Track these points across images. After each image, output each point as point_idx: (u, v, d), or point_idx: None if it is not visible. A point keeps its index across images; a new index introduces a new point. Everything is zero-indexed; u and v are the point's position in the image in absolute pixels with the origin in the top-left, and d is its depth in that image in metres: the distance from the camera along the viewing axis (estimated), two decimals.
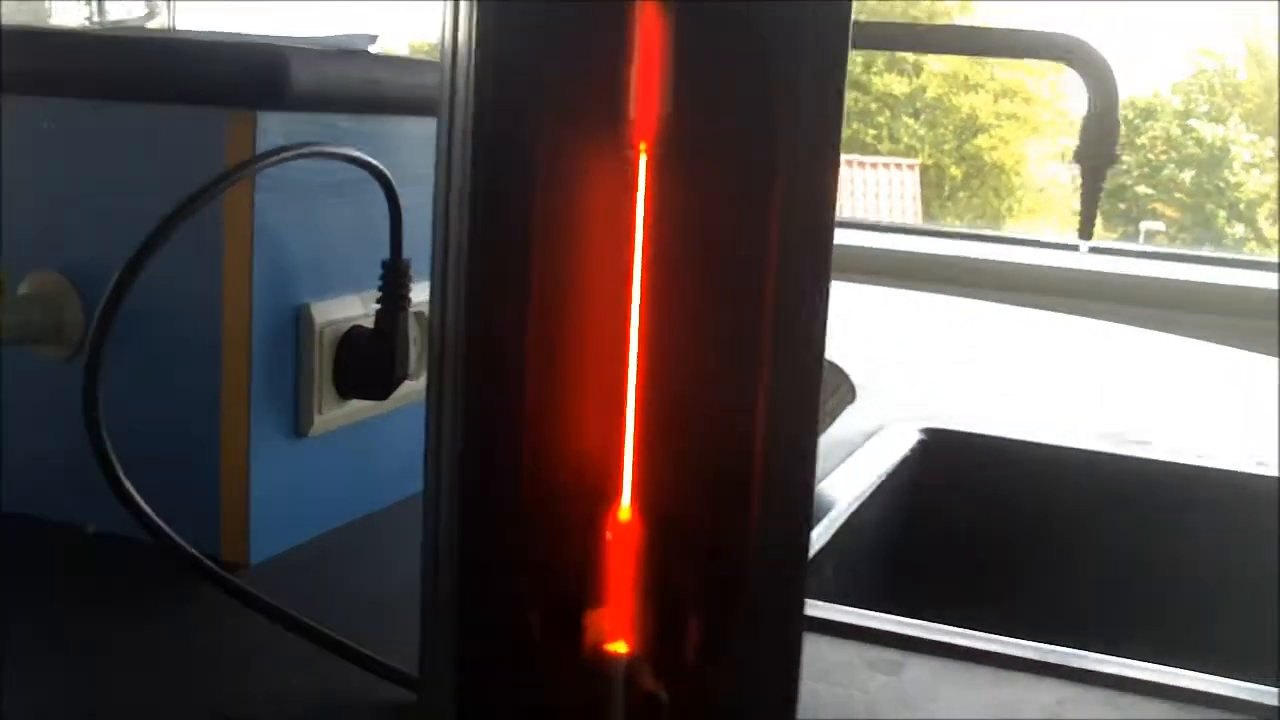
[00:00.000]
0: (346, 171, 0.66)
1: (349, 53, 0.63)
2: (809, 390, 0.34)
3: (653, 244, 0.32)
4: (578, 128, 0.31)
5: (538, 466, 0.34)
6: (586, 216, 0.32)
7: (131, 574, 0.63)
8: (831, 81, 0.32)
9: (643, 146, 0.31)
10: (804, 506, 0.35)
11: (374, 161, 0.61)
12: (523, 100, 0.31)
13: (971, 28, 0.72)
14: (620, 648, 0.34)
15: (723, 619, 0.34)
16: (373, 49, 0.65)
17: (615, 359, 0.32)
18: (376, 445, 0.73)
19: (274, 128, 0.61)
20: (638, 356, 0.33)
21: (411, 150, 0.70)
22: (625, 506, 0.33)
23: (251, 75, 0.59)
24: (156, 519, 0.54)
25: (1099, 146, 0.74)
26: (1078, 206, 0.81)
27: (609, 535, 0.33)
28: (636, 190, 0.32)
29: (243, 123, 0.60)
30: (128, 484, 0.54)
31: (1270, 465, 0.92)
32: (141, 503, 0.54)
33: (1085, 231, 0.77)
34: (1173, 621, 0.89)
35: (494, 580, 0.34)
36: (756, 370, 0.33)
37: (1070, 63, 0.71)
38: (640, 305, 0.32)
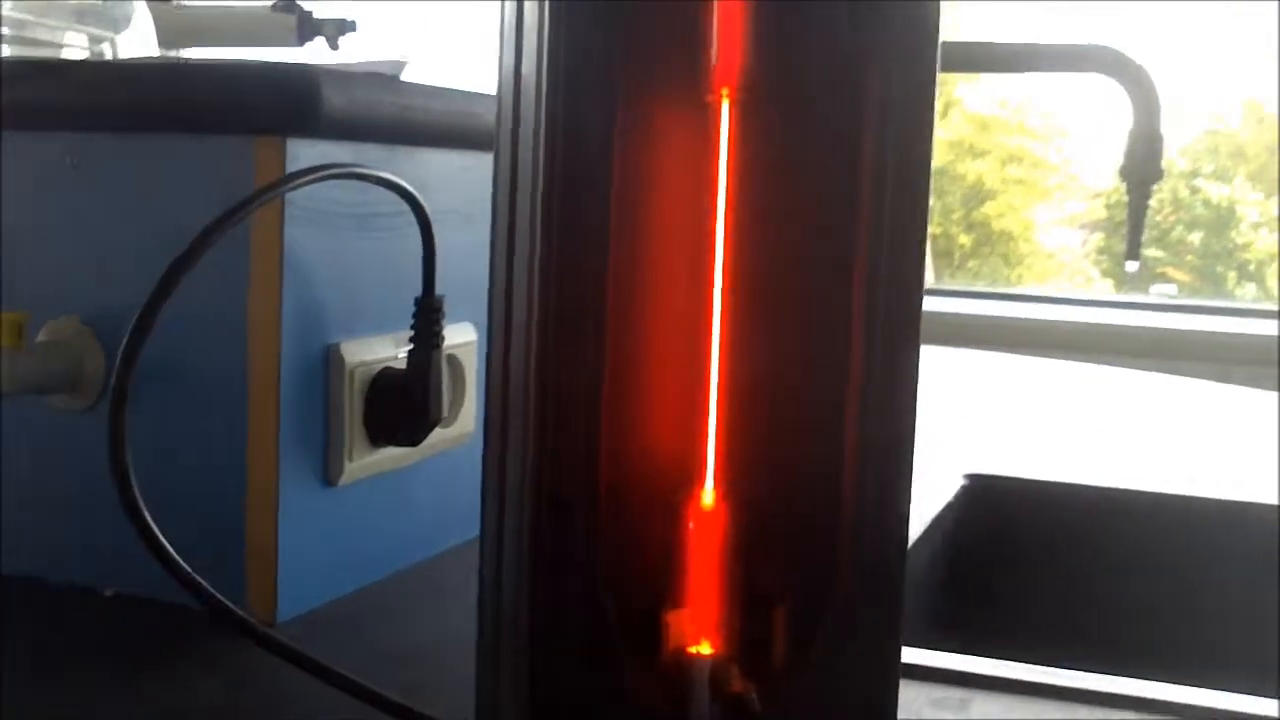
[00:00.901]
0: (377, 205, 0.64)
1: (381, 77, 0.61)
2: (907, 370, 0.31)
3: (737, 202, 0.29)
4: (656, 76, 0.29)
5: (616, 454, 0.31)
6: (668, 171, 0.29)
7: (157, 634, 0.60)
8: (926, 35, 0.30)
9: (725, 93, 0.29)
10: (902, 497, 0.32)
11: (406, 185, 0.59)
12: (601, 63, 0.29)
13: (1008, 44, 0.71)
14: (704, 649, 0.31)
15: (814, 618, 0.31)
16: (404, 76, 0.64)
17: (698, 333, 0.30)
18: (409, 496, 0.70)
19: (304, 155, 0.59)
20: (721, 331, 0.30)
21: (444, 185, 0.69)
22: (709, 493, 0.30)
23: (280, 99, 0.57)
24: (189, 569, 0.51)
25: (1145, 162, 0.72)
26: (1088, 270, 0.80)
27: (691, 524, 0.30)
28: (719, 141, 0.29)
29: (271, 149, 0.58)
30: (159, 534, 0.51)
31: None
32: (173, 553, 0.51)
33: (1132, 252, 0.75)
34: (1224, 651, 0.88)
35: (567, 578, 0.31)
36: (849, 346, 0.31)
37: (1110, 74, 0.70)
38: (724, 273, 0.30)
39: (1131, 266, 0.77)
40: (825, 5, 0.30)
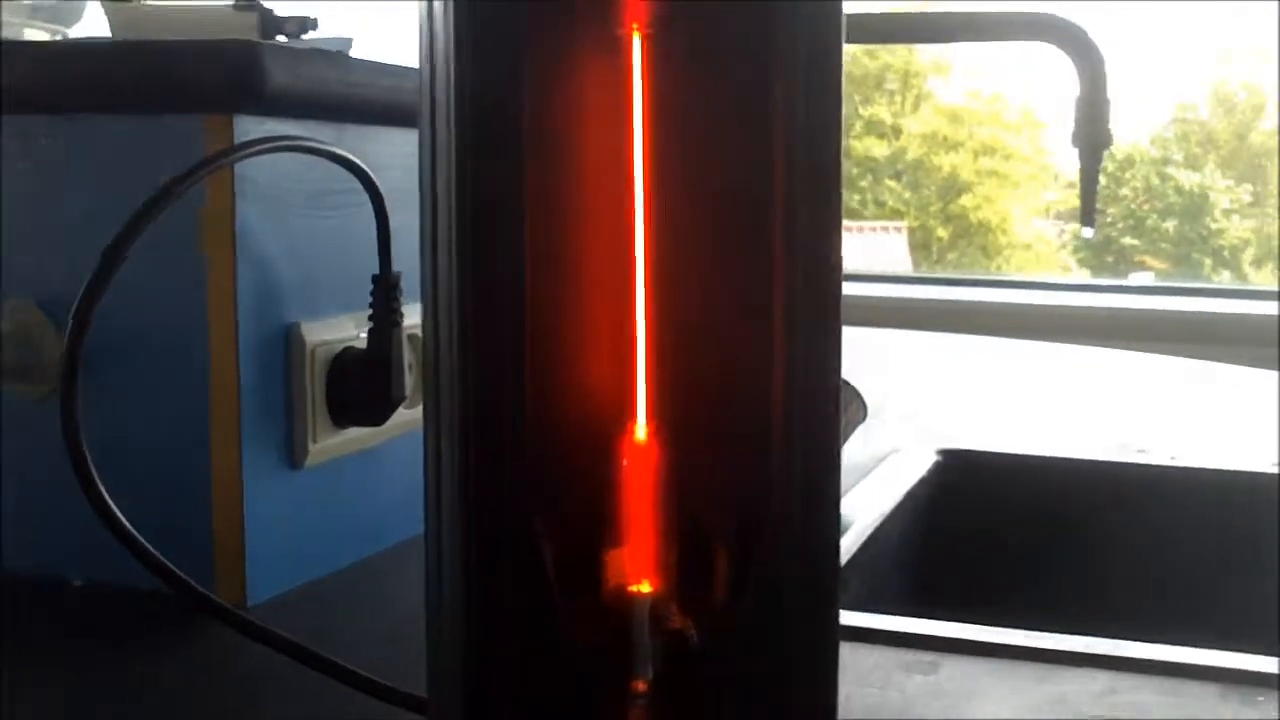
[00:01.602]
0: (330, 183, 0.64)
1: (327, 54, 0.61)
2: (829, 300, 0.31)
3: (652, 137, 0.29)
4: (565, 11, 0.29)
5: (546, 395, 0.31)
6: (581, 106, 0.29)
7: (125, 621, 0.60)
8: None
9: (635, 27, 0.29)
10: (832, 426, 0.32)
11: (357, 160, 0.59)
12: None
13: (950, 13, 0.71)
14: (644, 587, 0.31)
15: (750, 551, 0.31)
16: (350, 53, 0.64)
17: (622, 269, 0.30)
18: (376, 477, 0.70)
19: (252, 132, 0.58)
20: (645, 266, 0.30)
21: (395, 164, 0.68)
22: (641, 428, 0.30)
23: (225, 75, 0.57)
24: (157, 554, 0.50)
25: (1092, 126, 0.72)
26: (1065, 260, 0.81)
27: (625, 461, 0.30)
28: (631, 76, 0.29)
29: (220, 127, 0.58)
30: (124, 520, 0.51)
31: (1266, 464, 0.94)
32: (141, 539, 0.50)
33: (1087, 218, 0.76)
34: (1198, 618, 0.89)
35: (504, 516, 0.31)
36: (772, 277, 0.31)
37: (1052, 40, 0.70)
38: (644, 207, 0.30)
39: (1087, 233, 0.77)
40: None
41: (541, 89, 0.30)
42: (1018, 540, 0.95)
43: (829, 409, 0.32)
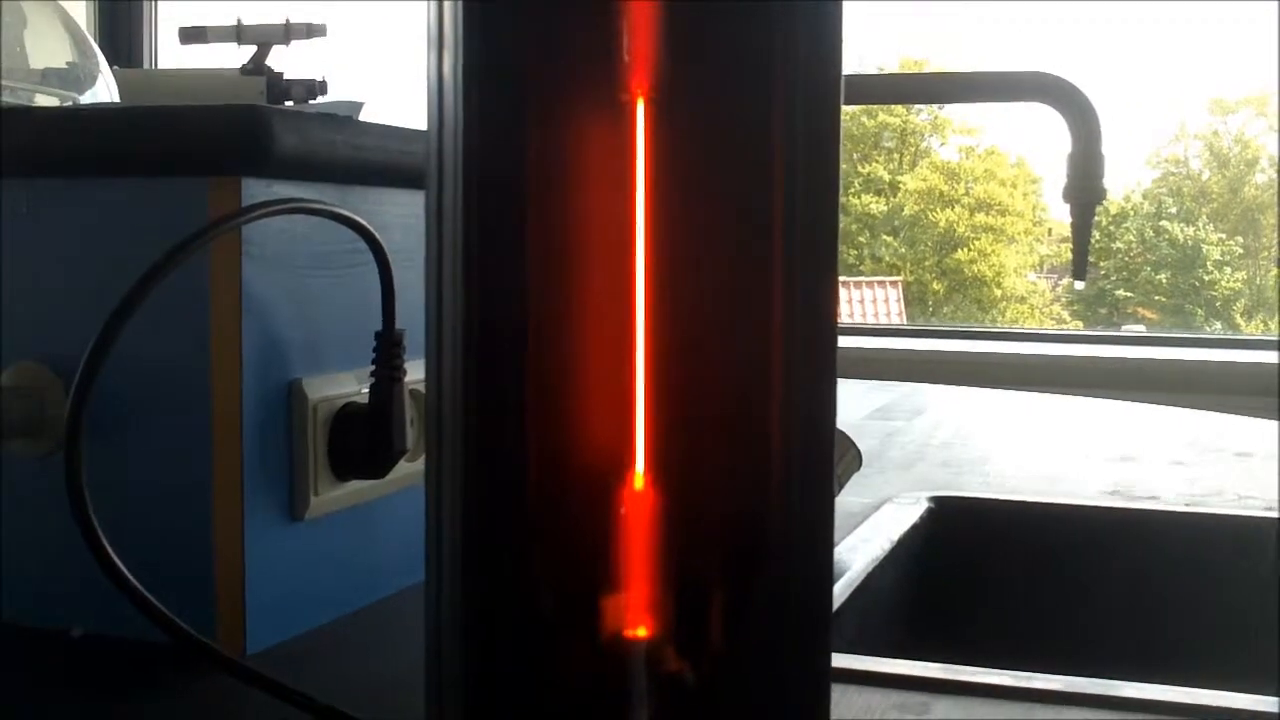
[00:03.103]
0: (335, 243, 0.65)
1: (334, 118, 0.63)
2: (826, 358, 0.33)
3: (654, 199, 0.31)
4: (570, 76, 0.31)
5: (546, 445, 0.32)
6: (584, 169, 0.31)
7: (126, 671, 0.60)
8: (832, 36, 0.32)
9: (639, 93, 0.31)
10: (826, 478, 0.33)
11: (362, 221, 0.61)
12: (516, 56, 0.31)
13: (948, 74, 0.73)
14: (641, 632, 0.32)
15: (746, 597, 0.32)
16: (360, 116, 0.66)
17: (622, 323, 0.31)
18: (376, 529, 0.71)
19: (259, 195, 0.60)
20: (645, 321, 0.31)
21: (400, 225, 0.70)
22: (639, 478, 0.32)
23: (233, 139, 0.58)
24: (157, 603, 0.51)
25: (1085, 182, 0.74)
26: (1059, 313, 0.82)
27: (624, 510, 0.32)
28: (635, 141, 0.31)
29: (226, 190, 0.59)
30: (126, 571, 0.52)
31: (1255, 507, 0.95)
32: (141, 588, 0.51)
33: (1079, 271, 0.77)
34: (1190, 660, 0.90)
35: (503, 563, 0.32)
36: (770, 334, 0.32)
37: (1048, 100, 0.72)
38: (645, 266, 0.31)
39: (1079, 285, 0.79)
40: (735, 4, 0.32)
41: (546, 153, 0.31)
42: (1009, 585, 0.96)
43: (825, 458, 0.33)
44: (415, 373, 0.68)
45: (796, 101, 0.33)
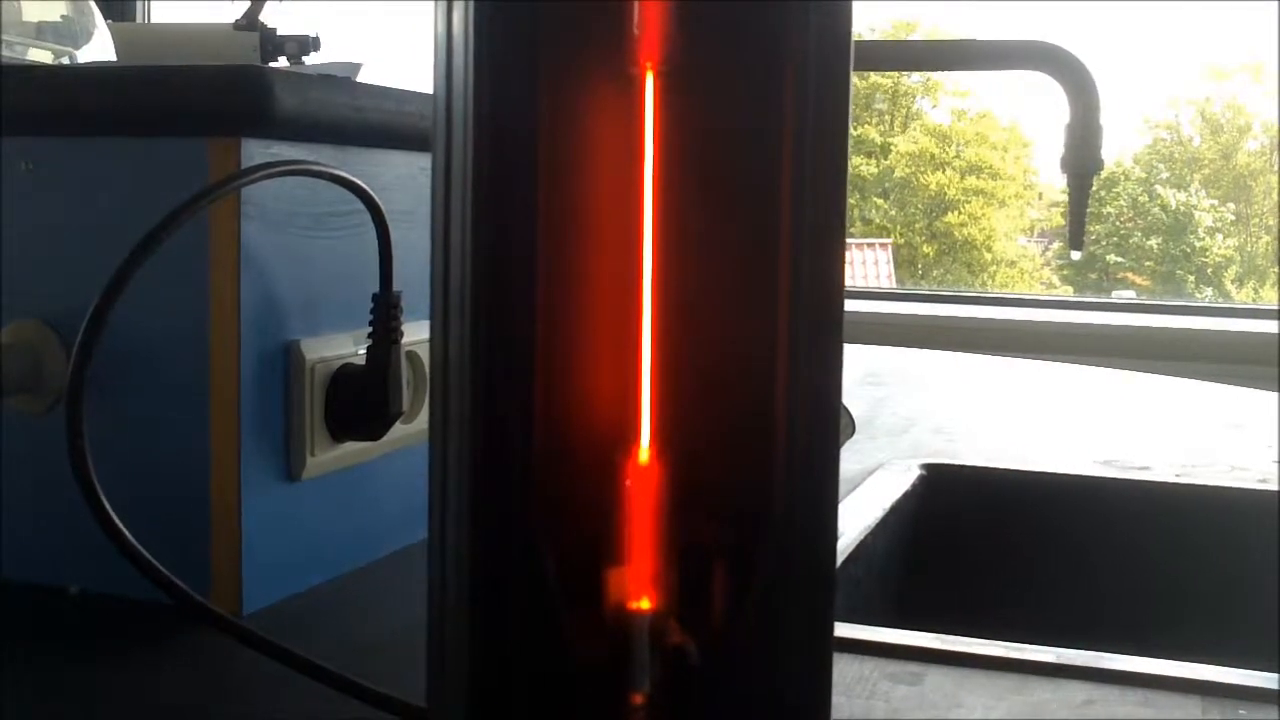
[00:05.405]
0: (333, 204, 0.65)
1: (333, 79, 0.62)
2: (832, 328, 0.33)
3: (662, 172, 0.31)
4: (579, 48, 0.31)
5: (552, 416, 0.32)
6: (593, 141, 0.31)
7: (123, 629, 0.61)
8: (843, 11, 0.32)
9: (648, 66, 0.31)
10: (831, 447, 0.33)
11: (359, 182, 0.61)
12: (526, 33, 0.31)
13: (945, 41, 0.72)
14: (644, 604, 0.32)
15: (750, 570, 0.33)
16: (358, 78, 0.65)
17: (629, 294, 0.31)
18: (372, 490, 0.71)
19: (258, 155, 0.60)
20: (652, 291, 0.31)
21: (398, 186, 0.70)
22: (644, 450, 0.32)
23: (233, 100, 0.58)
24: (155, 562, 0.52)
25: (1083, 152, 0.74)
26: (1049, 277, 0.82)
27: (628, 482, 0.32)
28: (644, 113, 0.31)
29: (226, 150, 0.59)
30: (126, 532, 0.52)
31: (1248, 479, 0.95)
32: (139, 547, 0.52)
33: (1075, 242, 0.77)
34: (1182, 631, 0.91)
35: (508, 532, 0.32)
36: (776, 304, 0.32)
37: (1047, 69, 0.72)
38: (653, 238, 0.31)
39: (1075, 256, 0.79)
40: None
41: (556, 124, 0.31)
42: (1001, 553, 0.96)
43: (830, 432, 0.33)
44: (412, 334, 0.69)
45: (806, 73, 0.33)
